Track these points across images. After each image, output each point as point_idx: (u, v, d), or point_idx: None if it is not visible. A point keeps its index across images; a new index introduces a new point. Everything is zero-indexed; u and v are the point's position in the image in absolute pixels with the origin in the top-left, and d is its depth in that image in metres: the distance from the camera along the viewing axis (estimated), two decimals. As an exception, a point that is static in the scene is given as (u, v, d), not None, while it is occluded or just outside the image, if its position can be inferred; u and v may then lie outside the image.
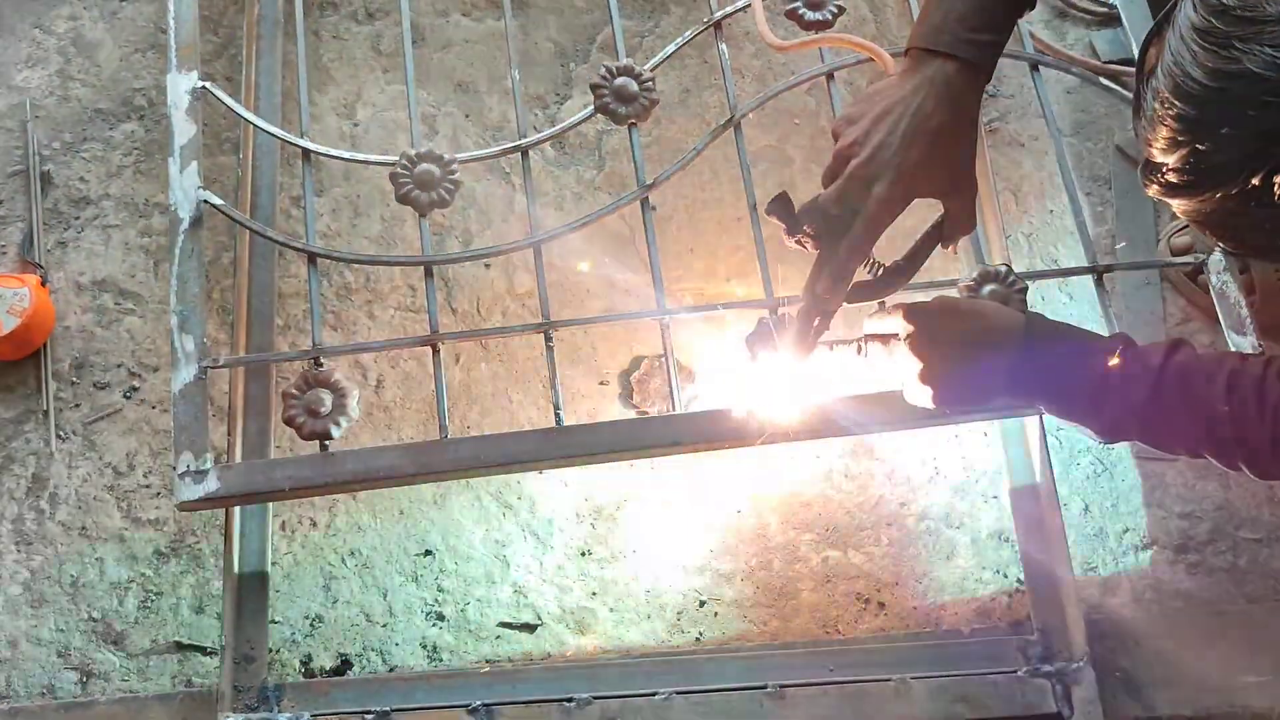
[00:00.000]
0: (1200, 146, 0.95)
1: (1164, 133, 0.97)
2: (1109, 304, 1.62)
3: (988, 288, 1.58)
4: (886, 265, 1.29)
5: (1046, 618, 1.57)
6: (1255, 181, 0.94)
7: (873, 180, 1.18)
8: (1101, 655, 1.56)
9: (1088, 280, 1.67)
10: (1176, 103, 0.95)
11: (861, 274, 1.28)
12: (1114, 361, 1.24)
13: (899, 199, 1.18)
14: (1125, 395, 1.23)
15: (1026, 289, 1.58)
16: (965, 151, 1.21)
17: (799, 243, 1.25)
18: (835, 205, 1.21)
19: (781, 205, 1.22)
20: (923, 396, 1.30)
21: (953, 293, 1.62)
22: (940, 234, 1.29)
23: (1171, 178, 1.00)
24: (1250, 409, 1.20)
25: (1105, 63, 2.04)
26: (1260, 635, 1.60)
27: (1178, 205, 1.03)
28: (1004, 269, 1.59)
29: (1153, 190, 1.03)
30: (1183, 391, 1.22)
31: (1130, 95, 1.31)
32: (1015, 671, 1.53)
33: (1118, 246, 1.90)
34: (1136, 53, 1.27)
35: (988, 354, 1.26)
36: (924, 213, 1.30)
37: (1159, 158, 0.99)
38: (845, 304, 1.29)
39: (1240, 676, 1.56)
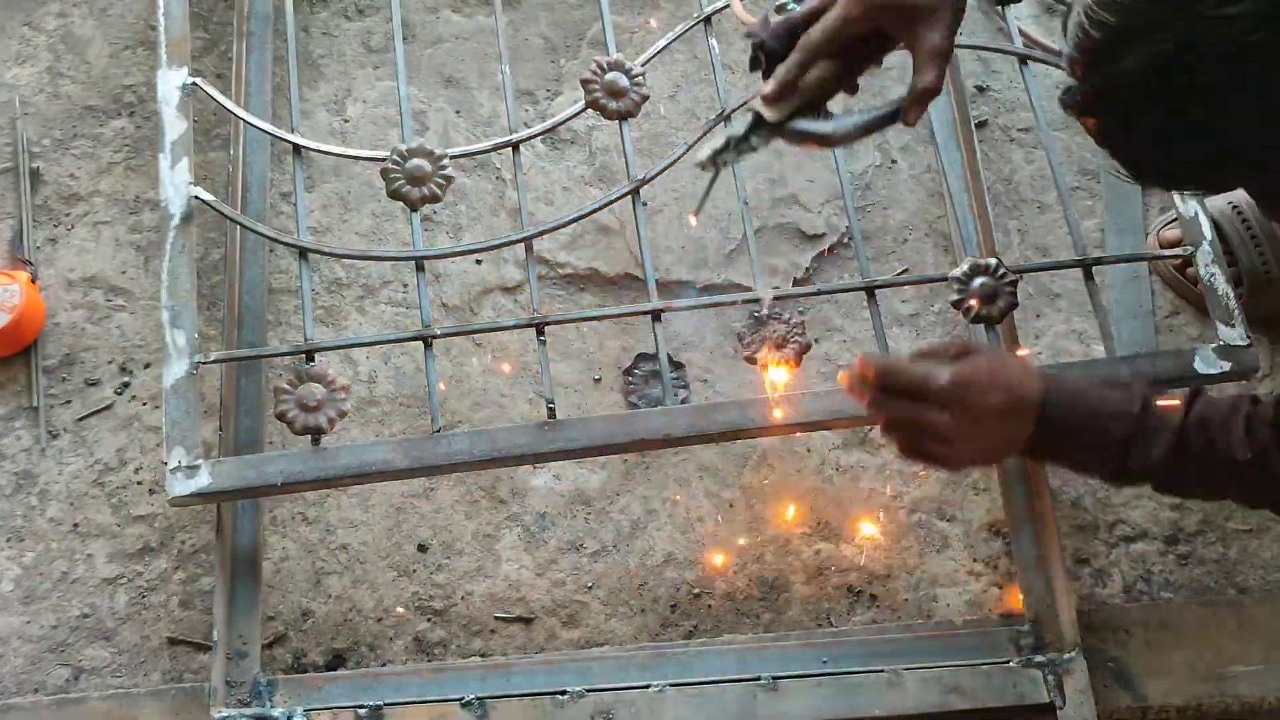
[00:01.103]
0: (1120, 55, 1.01)
1: (1086, 45, 1.03)
2: (1098, 296, 1.63)
3: (977, 280, 1.59)
4: (835, 114, 1.32)
5: (1038, 609, 1.57)
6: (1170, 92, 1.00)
7: None
8: (1093, 646, 1.57)
9: (1077, 273, 1.68)
10: (1100, 12, 1.01)
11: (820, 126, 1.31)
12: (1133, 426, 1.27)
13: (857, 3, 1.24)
14: (1145, 453, 1.27)
15: (1016, 282, 1.59)
16: None
17: (761, 50, 1.30)
18: (806, 16, 1.29)
19: (761, 25, 1.31)
20: (929, 464, 1.34)
21: (944, 288, 1.63)
22: (897, 114, 1.31)
23: (1089, 89, 1.06)
24: (1272, 456, 1.22)
25: (1094, 57, 2.04)
26: (1251, 625, 1.61)
27: (1097, 130, 1.08)
28: (994, 262, 1.60)
29: (1072, 111, 1.09)
30: (1202, 444, 1.25)
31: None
32: (1008, 662, 1.54)
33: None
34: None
35: (1007, 429, 1.29)
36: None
37: (1080, 75, 1.06)
38: (789, 143, 1.31)
39: (1231, 666, 1.57)
